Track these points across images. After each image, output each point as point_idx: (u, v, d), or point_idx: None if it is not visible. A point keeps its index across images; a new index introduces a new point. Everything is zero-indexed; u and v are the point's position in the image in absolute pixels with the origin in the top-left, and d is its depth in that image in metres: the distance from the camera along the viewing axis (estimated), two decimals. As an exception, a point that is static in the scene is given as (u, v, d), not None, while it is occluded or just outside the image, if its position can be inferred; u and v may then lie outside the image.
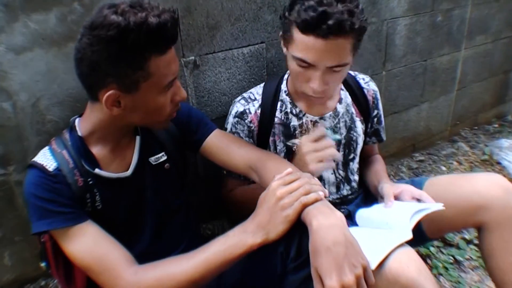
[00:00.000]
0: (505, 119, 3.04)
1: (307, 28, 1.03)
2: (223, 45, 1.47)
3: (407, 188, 1.20)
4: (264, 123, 1.31)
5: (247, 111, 1.32)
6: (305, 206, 0.84)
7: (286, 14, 1.11)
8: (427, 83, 2.34)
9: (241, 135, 1.33)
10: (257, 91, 1.36)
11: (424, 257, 1.71)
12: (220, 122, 1.43)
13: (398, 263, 0.83)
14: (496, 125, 2.93)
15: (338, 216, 0.82)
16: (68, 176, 0.93)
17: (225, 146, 1.16)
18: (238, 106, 1.33)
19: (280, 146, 1.34)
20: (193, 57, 1.42)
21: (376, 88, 1.44)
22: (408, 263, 0.84)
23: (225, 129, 1.35)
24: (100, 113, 0.94)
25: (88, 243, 0.91)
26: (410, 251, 0.87)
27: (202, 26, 1.40)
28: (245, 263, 0.90)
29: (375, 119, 1.46)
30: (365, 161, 1.54)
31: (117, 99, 0.87)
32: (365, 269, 0.76)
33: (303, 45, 1.07)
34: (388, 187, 1.23)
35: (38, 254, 1.03)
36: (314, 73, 1.10)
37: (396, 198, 1.19)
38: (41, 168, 0.92)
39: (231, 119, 1.34)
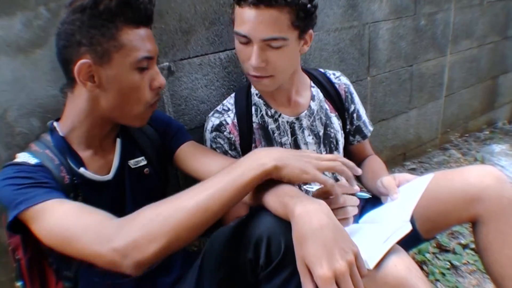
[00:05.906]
0: (495, 126, 3.05)
1: None
2: (198, 50, 1.42)
3: (403, 177, 1.18)
4: (244, 131, 1.27)
5: (224, 122, 1.27)
6: (332, 169, 0.84)
7: None
8: (414, 89, 2.31)
9: (223, 149, 1.27)
10: (229, 101, 1.32)
11: (420, 264, 1.70)
12: (199, 132, 1.37)
13: (385, 262, 0.79)
14: (487, 132, 2.94)
15: (322, 203, 0.75)
16: (54, 171, 0.89)
17: (200, 154, 1.13)
18: (213, 120, 1.28)
19: None
20: (167, 63, 1.36)
21: (348, 82, 1.41)
22: (396, 261, 0.79)
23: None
24: (78, 100, 0.92)
25: (70, 210, 0.80)
26: (397, 249, 0.82)
27: (175, 31, 1.35)
28: (217, 272, 0.85)
29: (354, 115, 1.42)
30: (360, 164, 1.47)
31: (90, 72, 0.87)
32: (356, 257, 0.68)
33: (240, 18, 1.09)
34: (388, 179, 1.18)
35: (14, 276, 0.97)
36: (251, 48, 1.09)
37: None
38: (21, 163, 0.87)
39: (208, 135, 1.28)
